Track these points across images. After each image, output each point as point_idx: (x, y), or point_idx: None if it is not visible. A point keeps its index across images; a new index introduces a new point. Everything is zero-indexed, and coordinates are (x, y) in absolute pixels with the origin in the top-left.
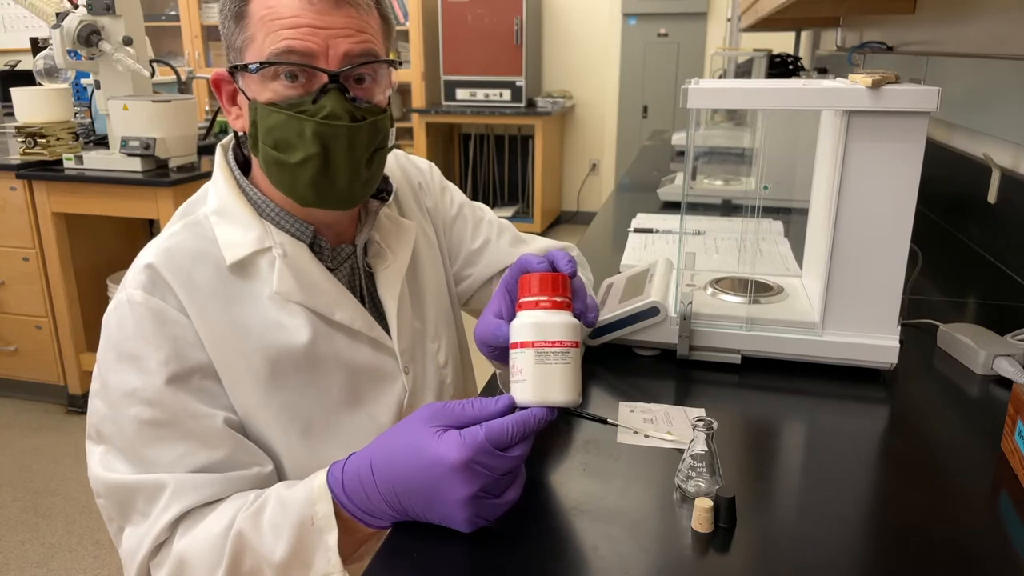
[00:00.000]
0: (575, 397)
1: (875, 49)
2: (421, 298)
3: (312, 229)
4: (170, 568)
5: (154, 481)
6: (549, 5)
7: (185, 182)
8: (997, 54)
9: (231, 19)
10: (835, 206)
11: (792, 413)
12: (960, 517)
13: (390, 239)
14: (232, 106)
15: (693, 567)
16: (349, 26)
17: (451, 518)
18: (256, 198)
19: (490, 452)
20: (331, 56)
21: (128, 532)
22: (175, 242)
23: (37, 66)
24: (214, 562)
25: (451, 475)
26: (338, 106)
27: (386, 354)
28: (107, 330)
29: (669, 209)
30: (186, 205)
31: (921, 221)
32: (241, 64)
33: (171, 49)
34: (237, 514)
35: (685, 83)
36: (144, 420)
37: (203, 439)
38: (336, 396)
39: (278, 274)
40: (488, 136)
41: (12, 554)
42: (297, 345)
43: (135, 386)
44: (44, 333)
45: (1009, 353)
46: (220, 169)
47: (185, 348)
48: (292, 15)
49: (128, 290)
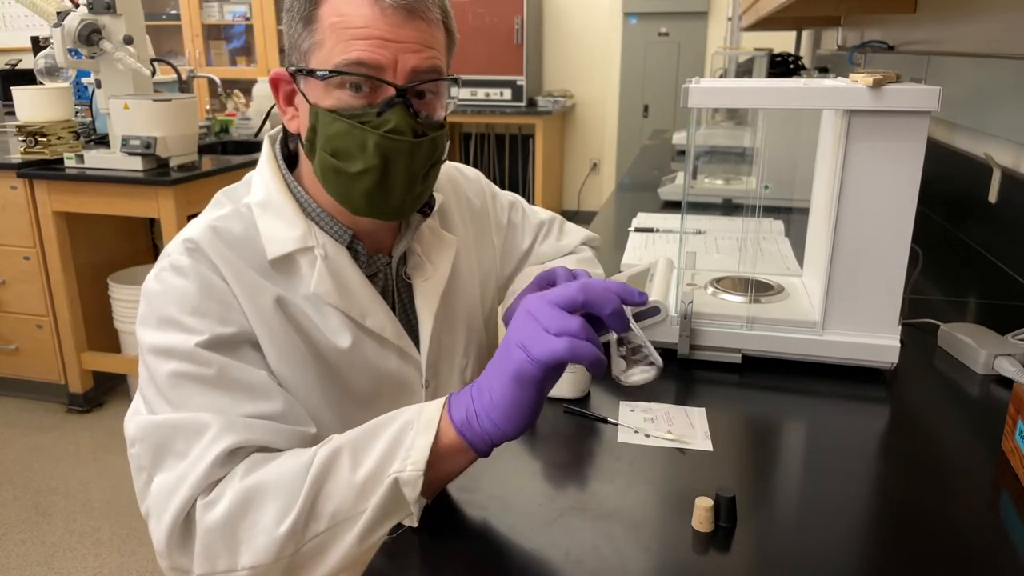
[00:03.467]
0: (578, 394)
1: (876, 48)
2: (454, 313)
3: (351, 233)
4: (234, 502)
5: (197, 419)
6: (550, 4)
7: (186, 181)
8: (998, 53)
9: (299, 21)
10: (836, 206)
11: (793, 412)
12: (960, 516)
13: (431, 251)
14: (288, 106)
15: (693, 566)
16: (419, 40)
17: (506, 343)
18: (300, 196)
19: (543, 301)
20: (399, 70)
21: (160, 479)
22: (222, 224)
23: (38, 65)
24: (293, 491)
25: (513, 324)
26: (402, 121)
27: (411, 365)
28: (147, 296)
29: (670, 208)
30: (228, 190)
31: (922, 221)
32: (306, 68)
33: (172, 48)
34: (319, 447)
35: (686, 82)
36: (181, 373)
37: (251, 391)
38: (355, 397)
39: (317, 274)
40: (489, 135)
41: (13, 553)
42: (334, 347)
43: (173, 343)
44: (45, 332)
45: (1010, 353)
46: (267, 162)
47: (230, 313)
48: (364, 25)
49: (172, 256)
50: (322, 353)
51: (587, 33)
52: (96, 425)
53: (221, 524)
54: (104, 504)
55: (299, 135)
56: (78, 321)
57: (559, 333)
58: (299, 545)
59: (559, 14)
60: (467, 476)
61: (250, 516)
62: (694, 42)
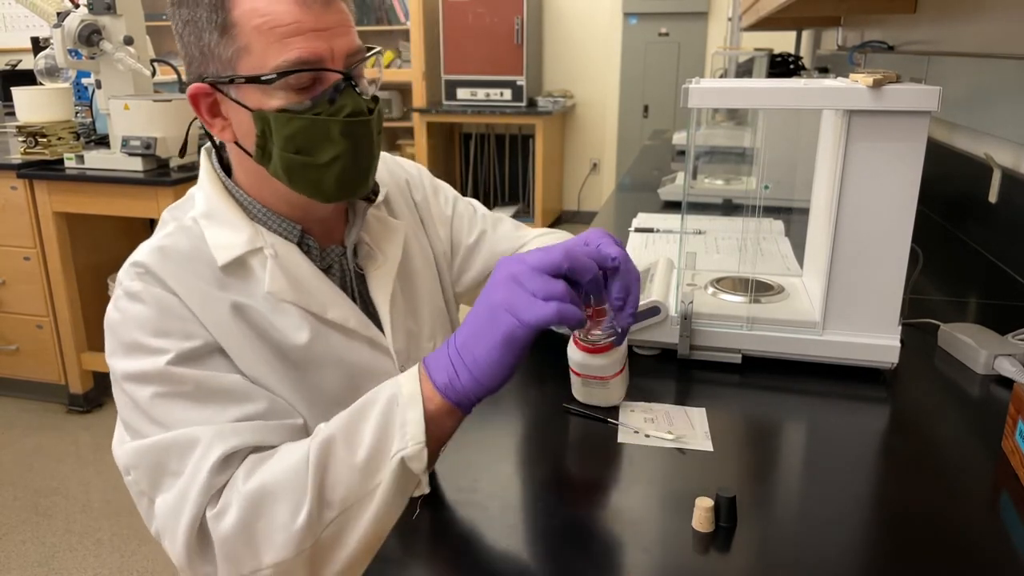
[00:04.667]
0: (615, 402)
1: (876, 48)
2: (414, 298)
3: (300, 229)
4: (243, 509)
5: (184, 435)
6: (550, 5)
7: (186, 181)
8: (998, 53)
9: (213, 31)
10: (836, 206)
11: (793, 413)
12: (961, 517)
13: (380, 240)
14: (215, 118)
15: (694, 567)
16: (342, 23)
17: (490, 298)
18: (243, 200)
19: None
20: (336, 56)
21: (161, 500)
22: (169, 242)
23: (38, 65)
24: (300, 487)
25: (492, 286)
26: (356, 102)
27: (383, 354)
28: (110, 327)
29: (670, 209)
30: (172, 209)
31: (922, 221)
32: (238, 76)
33: (172, 48)
34: (311, 440)
35: (686, 82)
36: (161, 395)
37: (232, 396)
38: (333, 395)
39: (269, 274)
40: (489, 136)
41: (13, 553)
42: (294, 344)
43: (144, 368)
44: (45, 332)
45: (1010, 353)
46: (206, 173)
47: (191, 328)
48: (292, 21)
49: (124, 284)
50: (285, 354)
51: (587, 33)
52: (96, 425)
53: (236, 531)
54: (104, 504)
55: (236, 143)
56: (78, 321)
57: (547, 298)
58: (317, 534)
59: (559, 14)
60: (467, 476)
61: (264, 518)
62: (694, 42)
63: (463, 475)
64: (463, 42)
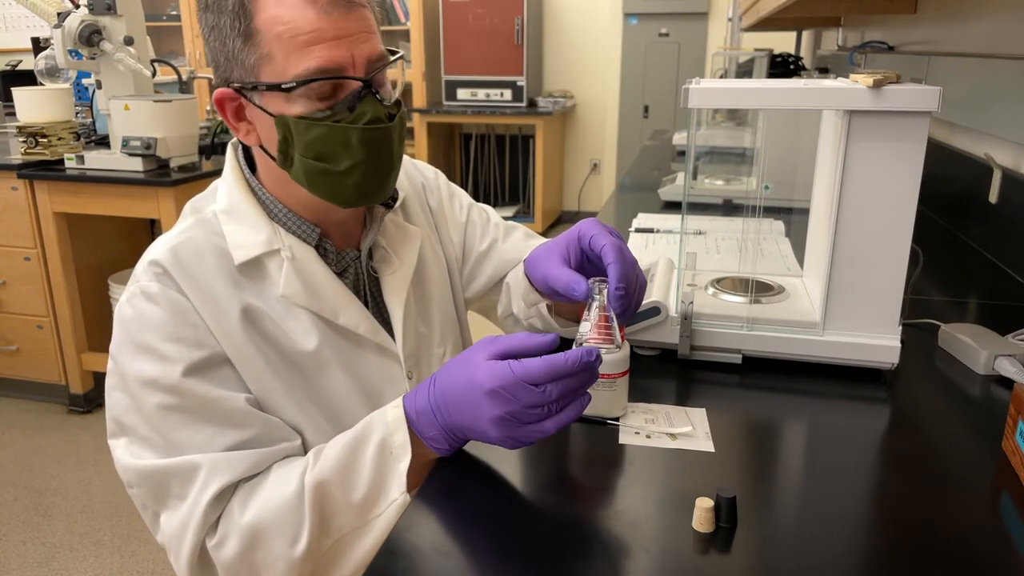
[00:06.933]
0: (618, 413)
1: (876, 49)
2: (426, 303)
3: (318, 232)
4: (241, 542)
5: (187, 463)
6: (550, 5)
7: (186, 182)
8: (998, 54)
9: (237, 37)
10: (836, 206)
11: (793, 413)
12: (961, 517)
13: (396, 244)
14: (240, 121)
15: (694, 567)
16: (364, 29)
17: (486, 435)
18: (265, 198)
19: (519, 384)
20: (356, 63)
21: (166, 517)
22: (185, 239)
23: (38, 66)
24: (296, 522)
25: (482, 398)
26: (376, 110)
27: (391, 359)
28: (122, 322)
29: (670, 209)
30: (195, 200)
31: (922, 221)
32: (261, 83)
33: (172, 49)
34: (303, 474)
35: (686, 83)
36: (167, 406)
37: (230, 420)
38: (338, 399)
39: (284, 277)
40: (489, 136)
41: (13, 553)
42: (301, 349)
43: (155, 375)
44: (45, 333)
45: (1010, 353)
46: (231, 169)
47: (202, 336)
48: (313, 29)
49: (142, 282)
50: (292, 359)
51: (588, 34)
52: (97, 426)
53: (237, 561)
54: (104, 505)
55: (261, 146)
56: (78, 322)
57: (542, 417)
58: (315, 560)
59: (559, 14)
60: (467, 476)
61: (261, 550)
62: (694, 43)
63: (463, 475)
64: (463, 42)
